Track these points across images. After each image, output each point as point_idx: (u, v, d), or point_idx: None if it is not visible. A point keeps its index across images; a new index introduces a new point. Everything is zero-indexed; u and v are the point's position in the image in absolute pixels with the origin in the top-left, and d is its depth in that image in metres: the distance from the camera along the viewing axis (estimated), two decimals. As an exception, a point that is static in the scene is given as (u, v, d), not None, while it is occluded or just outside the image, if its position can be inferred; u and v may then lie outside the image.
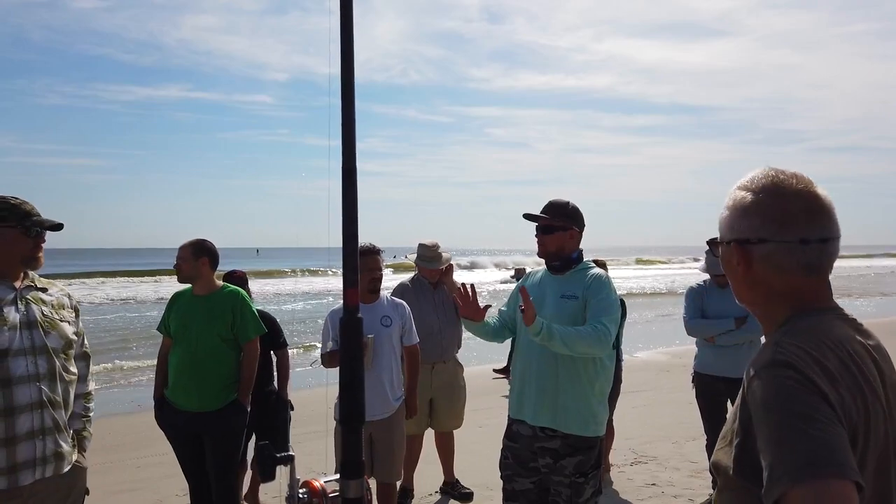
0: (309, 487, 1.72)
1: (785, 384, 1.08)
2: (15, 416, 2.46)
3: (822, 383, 1.08)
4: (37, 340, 2.56)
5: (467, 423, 5.42)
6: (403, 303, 4.40)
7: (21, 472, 2.48)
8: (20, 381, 2.48)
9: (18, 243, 2.60)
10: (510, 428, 3.33)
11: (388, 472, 4.18)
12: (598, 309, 3.15)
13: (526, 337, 3.22)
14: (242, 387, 4.14)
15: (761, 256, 1.26)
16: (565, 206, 3.31)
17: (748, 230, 1.26)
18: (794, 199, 1.24)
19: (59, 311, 2.72)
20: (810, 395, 1.06)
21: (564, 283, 3.27)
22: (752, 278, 1.28)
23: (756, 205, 1.26)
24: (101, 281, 37.16)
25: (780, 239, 1.23)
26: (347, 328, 1.66)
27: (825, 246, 1.23)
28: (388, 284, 4.76)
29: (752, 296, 1.31)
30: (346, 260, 1.63)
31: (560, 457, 3.14)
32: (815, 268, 1.24)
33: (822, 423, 1.03)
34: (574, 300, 3.19)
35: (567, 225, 3.28)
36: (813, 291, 1.26)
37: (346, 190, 1.63)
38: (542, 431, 3.18)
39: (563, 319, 3.13)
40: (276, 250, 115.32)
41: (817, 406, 1.05)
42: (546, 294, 3.28)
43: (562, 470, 3.13)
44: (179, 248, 4.17)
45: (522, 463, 3.24)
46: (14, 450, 2.45)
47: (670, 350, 12.62)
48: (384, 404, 4.09)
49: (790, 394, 1.07)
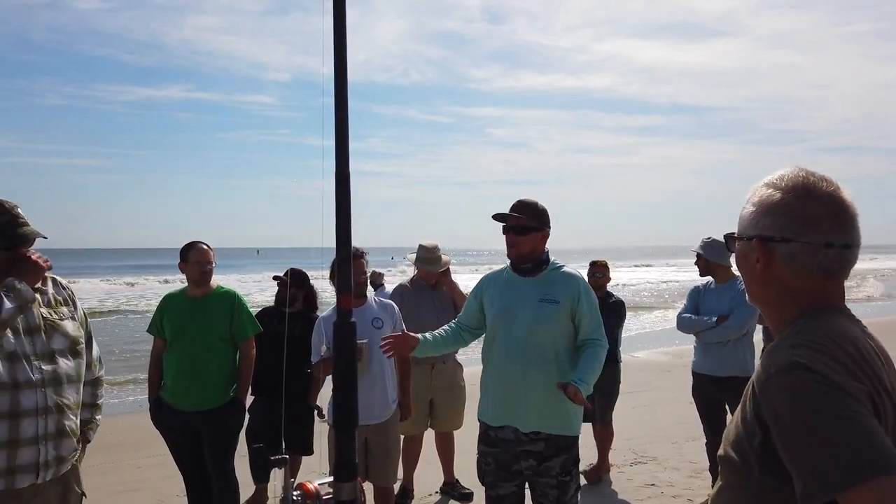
0: (303, 490, 1.73)
1: (810, 387, 1.07)
2: (20, 420, 2.44)
3: (844, 381, 1.08)
4: (38, 345, 2.52)
5: (467, 424, 5.40)
6: (392, 303, 4.37)
7: (19, 475, 2.47)
8: (26, 385, 2.46)
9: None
10: (487, 434, 3.24)
11: (384, 476, 4.15)
12: (593, 326, 3.17)
13: (500, 338, 3.19)
14: (241, 385, 4.18)
15: (783, 256, 1.25)
16: (537, 206, 3.21)
17: (773, 228, 1.25)
18: (822, 201, 1.23)
19: (59, 310, 2.66)
20: (836, 395, 1.06)
21: (541, 286, 3.18)
22: (769, 277, 1.28)
23: (783, 204, 1.25)
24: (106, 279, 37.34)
25: (804, 240, 1.22)
26: (341, 331, 1.67)
27: (847, 252, 1.23)
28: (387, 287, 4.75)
29: (764, 294, 1.31)
30: (340, 266, 1.64)
31: (545, 458, 3.11)
32: (834, 272, 1.24)
33: (855, 420, 1.04)
34: (555, 304, 3.12)
35: (541, 225, 3.20)
36: (826, 293, 1.26)
37: (339, 196, 1.62)
38: (526, 435, 3.13)
39: (541, 323, 3.10)
40: (276, 250, 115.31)
41: (845, 404, 1.05)
42: (521, 298, 3.18)
43: (548, 471, 3.11)
44: (205, 253, 4.15)
45: (505, 467, 3.19)
46: (16, 452, 2.44)
47: (670, 350, 12.61)
48: (381, 408, 4.06)
49: (817, 396, 1.06)
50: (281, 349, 4.29)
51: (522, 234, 3.15)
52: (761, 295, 1.32)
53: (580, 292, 3.17)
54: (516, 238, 3.16)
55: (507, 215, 3.17)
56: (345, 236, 1.63)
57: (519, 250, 3.18)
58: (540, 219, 3.20)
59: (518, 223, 3.16)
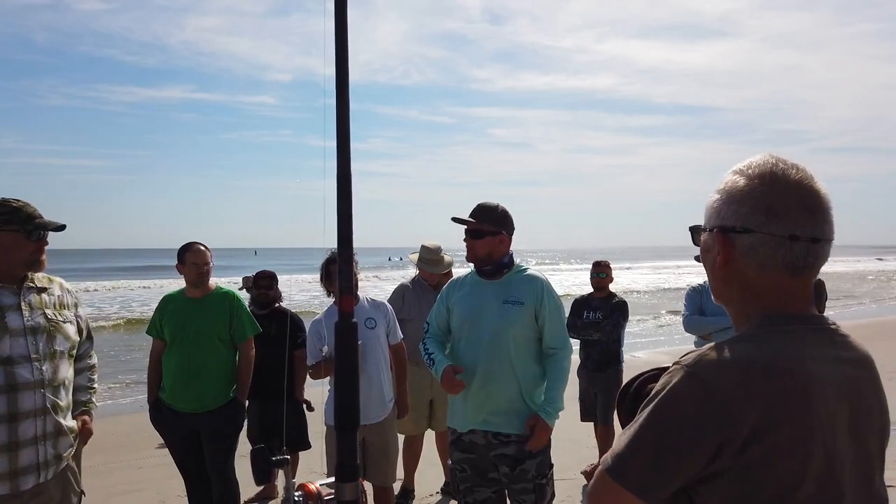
0: (304, 490, 1.73)
1: (680, 389, 1.07)
2: (19, 422, 2.46)
3: (718, 404, 1.03)
4: (41, 346, 2.55)
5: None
6: (384, 301, 4.36)
7: (22, 477, 2.48)
8: (25, 387, 2.47)
9: (21, 247, 2.57)
10: (460, 440, 3.24)
11: (383, 476, 4.15)
12: (555, 332, 3.21)
13: (466, 340, 3.21)
14: (241, 385, 4.18)
15: (744, 248, 1.13)
16: (494, 210, 3.24)
17: (734, 217, 1.14)
18: (790, 190, 1.13)
19: (62, 312, 2.70)
20: (694, 409, 1.04)
21: (504, 288, 3.21)
22: (730, 272, 1.17)
23: (748, 191, 1.14)
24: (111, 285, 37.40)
25: (766, 231, 1.11)
26: (342, 332, 1.67)
27: (815, 246, 1.12)
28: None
29: (727, 292, 1.20)
30: (341, 266, 1.64)
31: (519, 462, 3.10)
32: (800, 268, 1.13)
33: (672, 440, 1.05)
34: (519, 305, 3.16)
35: (496, 230, 3.21)
36: (791, 295, 1.14)
37: (340, 198, 1.62)
38: (496, 438, 3.14)
39: (506, 324, 3.12)
40: (275, 251, 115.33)
41: (691, 422, 1.04)
42: (485, 300, 3.21)
43: (524, 475, 3.10)
44: (201, 254, 4.14)
45: (481, 473, 3.19)
46: (17, 454, 2.46)
47: (671, 350, 12.61)
48: (378, 407, 4.05)
49: (677, 400, 1.06)
50: (263, 349, 4.35)
51: (477, 238, 3.20)
52: (723, 293, 1.20)
53: (543, 293, 3.20)
54: (471, 241, 3.22)
55: (463, 220, 3.23)
56: (346, 237, 1.63)
57: (474, 253, 3.23)
58: (498, 223, 3.23)
59: (472, 227, 3.21)
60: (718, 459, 1.03)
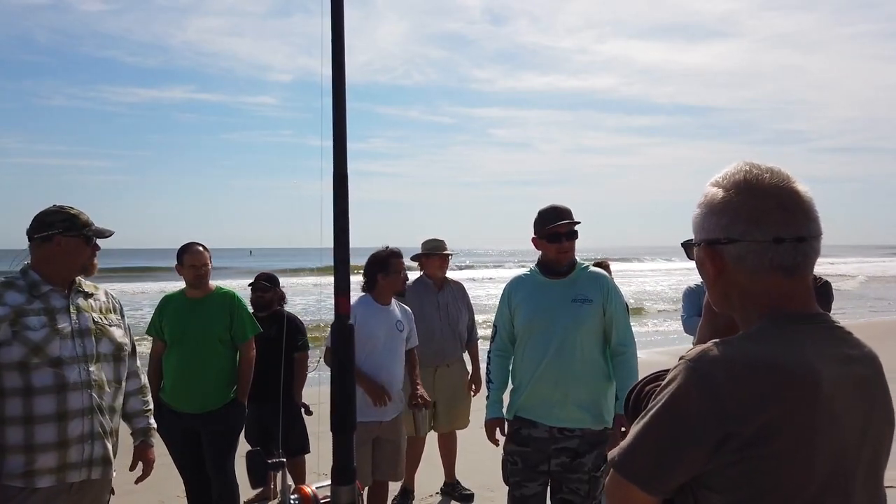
0: (300, 493, 1.72)
1: (683, 384, 1.08)
2: (68, 421, 2.55)
3: (720, 399, 1.05)
4: (88, 348, 2.64)
5: (469, 425, 5.40)
6: (408, 308, 4.44)
7: (70, 472, 2.58)
8: (74, 387, 2.56)
9: (80, 252, 2.69)
10: (518, 432, 3.25)
11: (394, 472, 4.25)
12: (623, 330, 3.28)
13: (536, 337, 3.22)
14: (242, 386, 4.18)
15: (733, 258, 1.15)
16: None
17: (717, 229, 1.16)
18: (766, 195, 1.14)
19: (108, 316, 2.80)
20: (697, 403, 1.06)
21: (572, 286, 3.24)
22: (725, 282, 1.18)
23: (726, 202, 1.16)
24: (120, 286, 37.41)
25: (750, 238, 1.13)
26: (339, 336, 1.65)
27: (803, 245, 1.13)
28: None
29: (727, 302, 1.21)
30: (339, 268, 1.62)
31: (579, 455, 3.14)
32: (792, 269, 1.14)
33: (675, 435, 1.08)
34: (588, 303, 3.20)
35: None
36: (790, 295, 1.15)
37: (337, 198, 1.61)
38: (560, 432, 3.17)
39: (577, 323, 3.16)
40: (270, 251, 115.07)
41: (694, 417, 1.06)
42: (552, 299, 3.23)
43: (580, 467, 3.14)
44: (200, 255, 4.14)
45: (533, 467, 3.21)
46: (66, 452, 2.55)
47: (671, 350, 12.60)
48: (395, 405, 4.14)
49: (680, 394, 1.08)
50: (263, 353, 4.33)
51: (574, 239, 3.27)
52: (724, 303, 1.22)
53: (609, 290, 3.26)
54: (570, 244, 3.26)
55: (565, 223, 3.25)
56: (343, 237, 1.62)
57: (568, 256, 3.27)
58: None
59: (572, 228, 3.26)
60: (722, 454, 1.05)
